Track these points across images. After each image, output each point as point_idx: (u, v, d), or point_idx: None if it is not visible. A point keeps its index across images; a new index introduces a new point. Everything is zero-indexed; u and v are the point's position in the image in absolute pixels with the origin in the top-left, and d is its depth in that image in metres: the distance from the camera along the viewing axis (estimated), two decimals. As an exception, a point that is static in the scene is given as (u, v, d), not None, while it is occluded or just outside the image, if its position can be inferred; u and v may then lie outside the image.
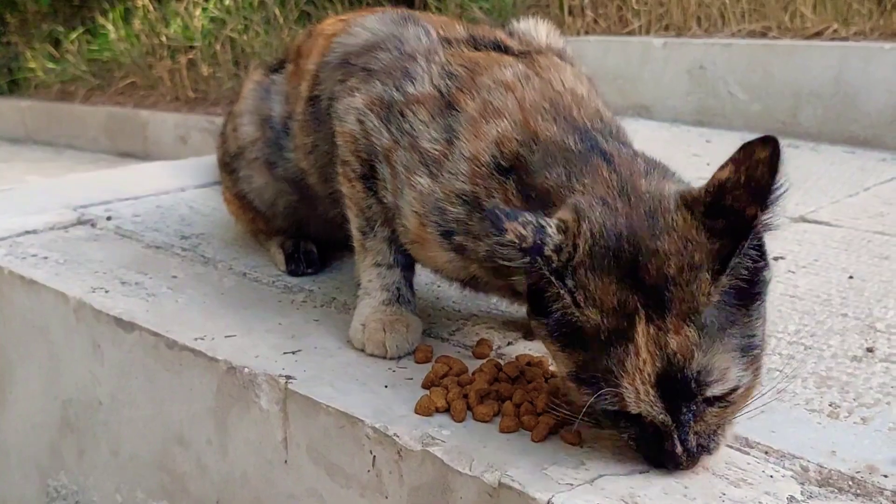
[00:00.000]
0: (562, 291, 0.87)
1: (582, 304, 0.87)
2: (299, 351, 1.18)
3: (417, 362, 1.15)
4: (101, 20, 5.68)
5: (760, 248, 0.90)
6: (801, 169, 2.36)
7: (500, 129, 1.04)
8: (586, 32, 3.53)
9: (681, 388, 0.85)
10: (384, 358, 1.16)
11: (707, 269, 0.85)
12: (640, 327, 0.85)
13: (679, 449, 0.87)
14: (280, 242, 1.51)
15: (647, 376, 0.85)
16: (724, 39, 3.06)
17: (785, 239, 1.71)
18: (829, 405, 1.06)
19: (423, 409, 1.01)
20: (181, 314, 1.30)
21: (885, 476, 0.91)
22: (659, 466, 0.90)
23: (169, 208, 1.86)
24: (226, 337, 1.22)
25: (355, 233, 1.24)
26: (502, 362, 1.10)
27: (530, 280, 0.92)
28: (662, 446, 0.87)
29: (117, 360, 1.31)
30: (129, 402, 1.32)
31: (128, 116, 5.15)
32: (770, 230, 0.88)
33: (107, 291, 1.39)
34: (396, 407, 1.03)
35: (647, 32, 3.36)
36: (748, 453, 0.95)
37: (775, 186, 0.84)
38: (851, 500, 0.87)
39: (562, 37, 1.28)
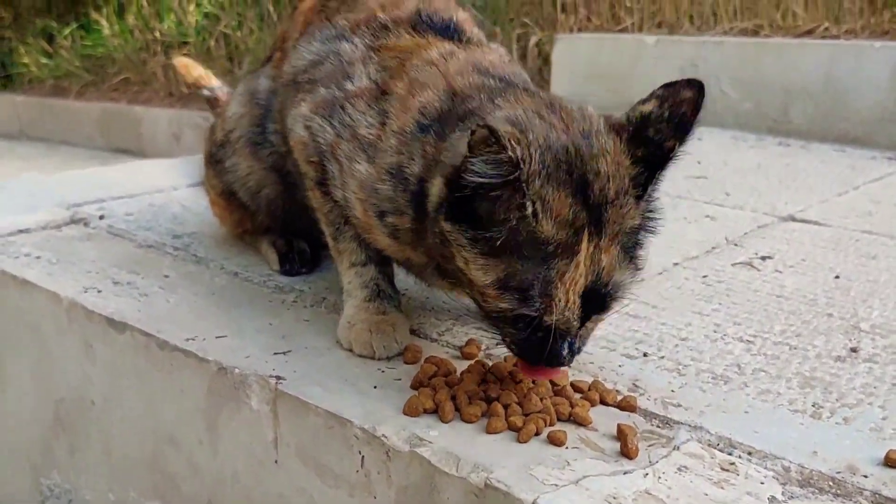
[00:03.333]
0: (526, 203, 0.90)
1: (539, 215, 0.91)
2: (289, 351, 1.19)
3: (406, 363, 1.16)
4: (94, 15, 5.68)
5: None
6: (791, 167, 2.39)
7: (423, 99, 1.09)
8: (579, 30, 3.55)
9: (599, 301, 0.95)
10: (373, 358, 1.17)
11: (632, 194, 0.94)
12: (584, 244, 0.92)
13: (566, 351, 0.96)
14: (272, 241, 1.52)
15: (578, 288, 0.92)
16: (716, 37, 3.07)
17: (774, 238, 1.73)
18: (812, 405, 1.07)
19: (412, 410, 1.02)
20: (172, 314, 1.31)
21: (865, 476, 0.92)
22: (537, 363, 0.99)
23: (161, 207, 1.87)
24: (217, 337, 1.23)
25: (329, 241, 1.28)
26: (490, 363, 1.11)
27: (454, 187, 0.95)
28: (549, 348, 0.95)
29: (109, 360, 1.32)
30: (120, 402, 1.33)
31: (122, 112, 5.16)
32: (678, 162, 0.96)
33: (99, 291, 1.40)
34: (385, 407, 1.04)
35: (640, 30, 3.37)
36: (731, 454, 0.96)
37: (695, 125, 0.93)
38: (832, 500, 0.89)
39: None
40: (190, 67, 2.00)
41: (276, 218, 1.53)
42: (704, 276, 1.51)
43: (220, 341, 1.22)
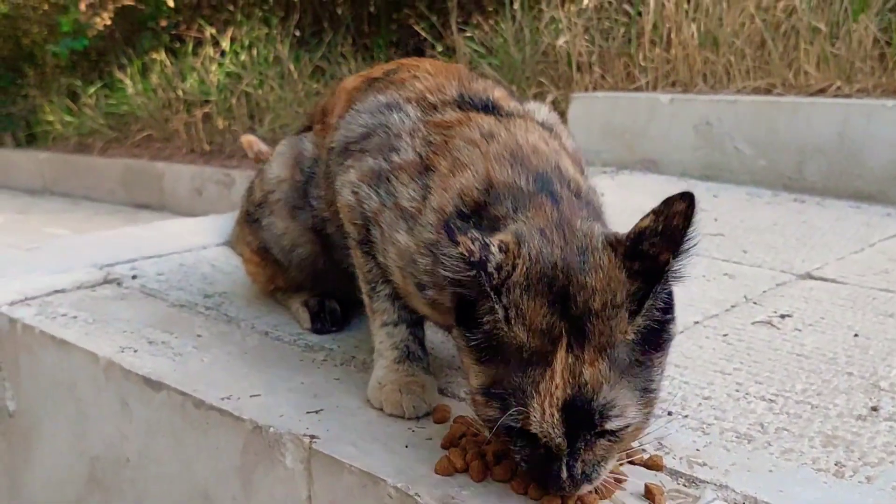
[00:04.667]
0: (496, 307, 0.93)
1: (512, 322, 0.93)
2: (322, 410, 1.22)
3: (436, 422, 1.19)
4: (118, 75, 5.82)
5: (669, 302, 0.97)
6: (807, 224, 2.42)
7: (463, 181, 1.13)
8: (594, 88, 3.62)
9: (584, 417, 0.91)
10: (403, 418, 1.20)
11: (626, 308, 0.93)
12: (561, 353, 0.91)
13: (565, 474, 0.92)
14: (303, 301, 1.56)
15: (555, 400, 0.91)
16: (729, 96, 3.13)
17: (792, 296, 1.75)
18: (835, 464, 1.09)
19: (443, 470, 1.05)
20: (207, 373, 1.35)
21: (890, 536, 0.94)
22: (543, 487, 0.96)
23: (192, 266, 1.92)
24: (251, 396, 1.26)
25: (365, 298, 1.33)
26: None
27: (459, 292, 0.98)
28: (550, 469, 0.93)
29: (145, 419, 1.36)
30: (156, 459, 1.36)
31: (144, 168, 5.27)
32: (680, 279, 0.95)
33: (135, 351, 1.44)
34: (417, 466, 1.07)
35: (654, 89, 3.44)
36: (757, 513, 0.99)
37: (688, 237, 0.92)
38: (857, 560, 0.91)
39: (559, 120, 1.38)
40: (253, 143, 2.28)
41: (308, 274, 1.57)
42: (725, 335, 1.54)
43: (255, 400, 1.25)
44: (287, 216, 1.53)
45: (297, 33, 5.55)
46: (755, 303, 1.71)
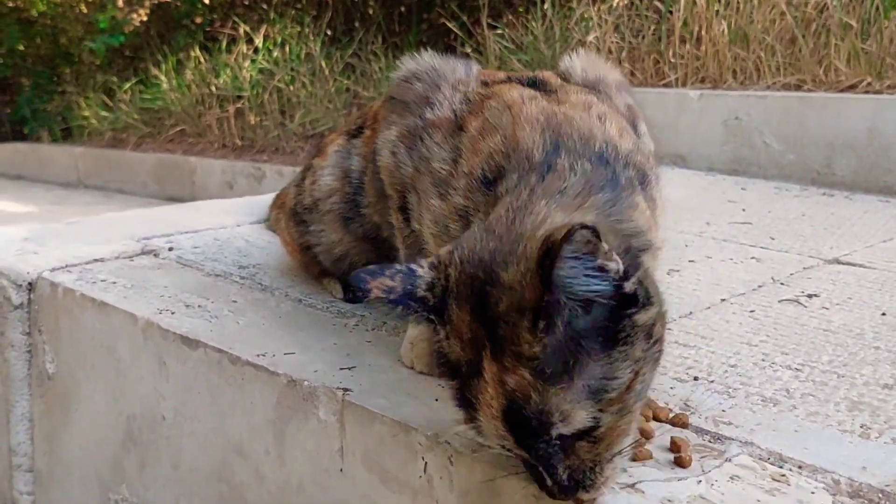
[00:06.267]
0: (438, 327, 0.89)
1: (449, 337, 0.88)
2: (354, 367, 1.25)
3: (465, 380, 1.21)
4: (153, 71, 5.92)
5: (636, 293, 0.85)
6: (835, 216, 2.42)
7: (492, 144, 1.09)
8: (624, 84, 3.63)
9: (526, 425, 0.84)
10: (433, 375, 1.23)
11: (530, 309, 0.82)
12: (486, 363, 0.84)
13: (549, 481, 0.86)
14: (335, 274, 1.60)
15: (495, 411, 0.85)
16: (759, 92, 3.14)
17: (819, 279, 1.76)
18: (861, 426, 1.10)
19: (473, 420, 1.07)
20: (242, 334, 1.39)
21: (914, 489, 0.95)
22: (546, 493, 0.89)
23: (226, 241, 1.96)
24: (285, 354, 1.30)
25: (403, 261, 1.32)
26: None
27: None
28: (536, 477, 0.88)
29: (181, 376, 1.40)
30: (191, 416, 1.39)
31: (177, 162, 5.35)
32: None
33: (172, 313, 1.48)
34: (447, 418, 1.09)
35: (684, 85, 3.45)
36: (782, 467, 1.00)
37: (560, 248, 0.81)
38: (881, 510, 0.92)
39: (603, 66, 1.32)
40: None
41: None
42: (752, 311, 1.55)
43: (289, 357, 1.29)
44: (340, 228, 1.52)
45: (329, 31, 5.62)
46: (782, 283, 1.72)
